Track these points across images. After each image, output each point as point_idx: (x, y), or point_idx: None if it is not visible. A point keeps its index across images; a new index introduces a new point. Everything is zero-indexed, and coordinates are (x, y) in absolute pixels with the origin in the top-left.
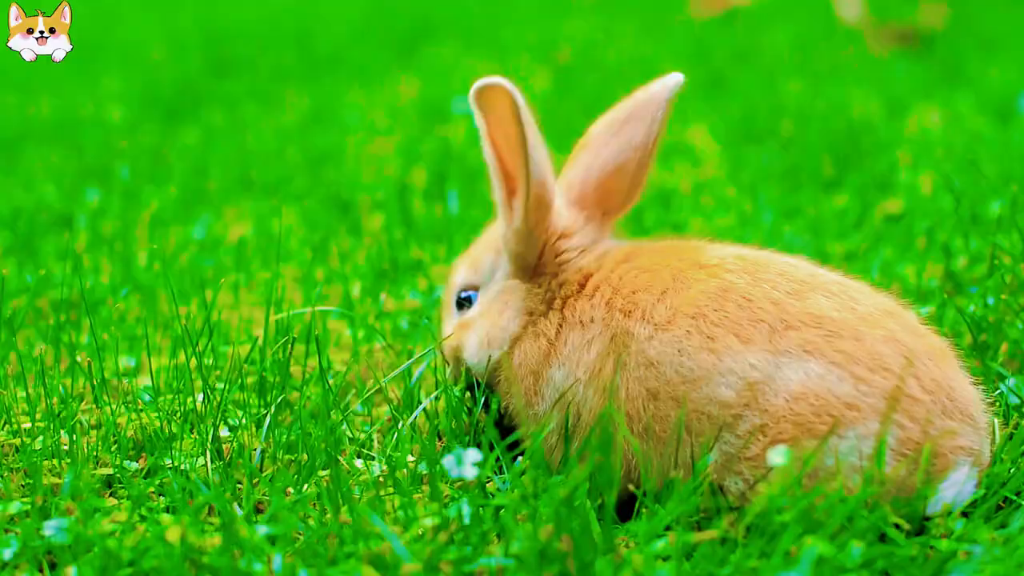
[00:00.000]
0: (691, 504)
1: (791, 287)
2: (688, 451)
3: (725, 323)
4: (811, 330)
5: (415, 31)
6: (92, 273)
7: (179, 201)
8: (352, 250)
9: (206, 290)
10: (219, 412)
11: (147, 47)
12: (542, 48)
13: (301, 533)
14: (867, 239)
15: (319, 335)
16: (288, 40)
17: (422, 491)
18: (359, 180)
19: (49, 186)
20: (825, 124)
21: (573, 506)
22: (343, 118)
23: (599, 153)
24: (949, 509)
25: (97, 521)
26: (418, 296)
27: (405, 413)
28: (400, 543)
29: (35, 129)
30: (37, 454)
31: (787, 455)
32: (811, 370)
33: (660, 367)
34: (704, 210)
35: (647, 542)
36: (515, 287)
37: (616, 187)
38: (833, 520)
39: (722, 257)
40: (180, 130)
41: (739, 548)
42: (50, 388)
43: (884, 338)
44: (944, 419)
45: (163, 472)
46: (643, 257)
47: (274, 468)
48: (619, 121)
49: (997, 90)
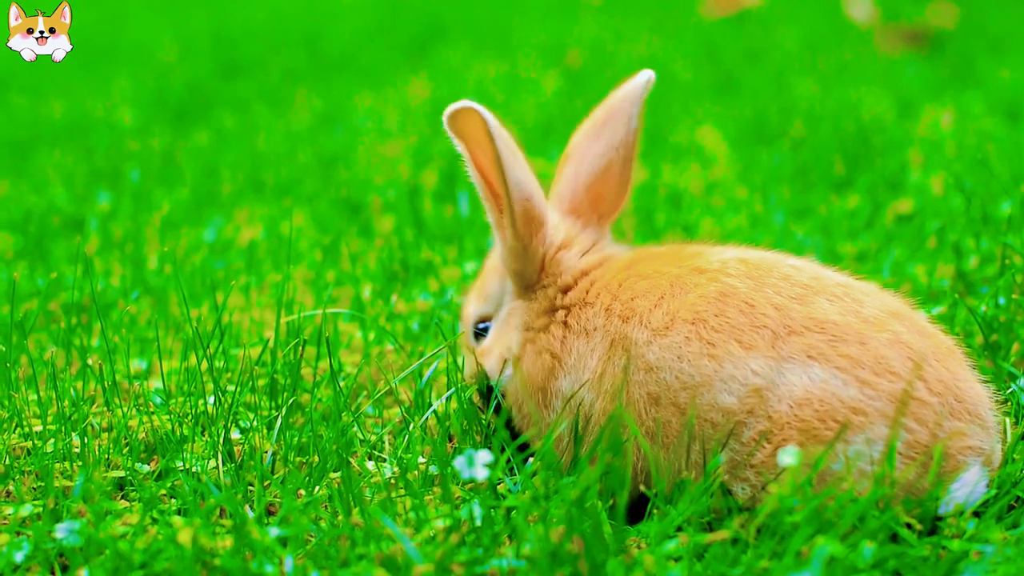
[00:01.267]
0: (702, 505)
1: (794, 292)
2: (695, 456)
3: (726, 329)
4: (815, 335)
5: (425, 33)
6: (103, 276)
7: (190, 203)
8: (363, 252)
9: (217, 292)
10: (230, 414)
11: (158, 49)
12: (552, 49)
13: (313, 535)
14: (878, 239)
15: (329, 337)
16: (298, 42)
17: (434, 493)
18: (370, 182)
19: (60, 189)
20: (836, 124)
21: (584, 507)
22: (353, 120)
23: (583, 160)
24: (961, 509)
25: (109, 523)
26: (429, 298)
27: (416, 415)
28: (412, 545)
29: (46, 132)
30: (49, 457)
31: (797, 455)
32: (815, 375)
33: (660, 372)
34: (715, 211)
35: (658, 543)
36: (518, 308)
37: (605, 190)
38: (844, 520)
39: (724, 261)
40: (191, 132)
41: (750, 549)
42: (61, 391)
43: (889, 341)
44: (952, 420)
45: (175, 474)
46: (643, 263)
47: (285, 470)
48: (598, 125)
49: (1007, 90)
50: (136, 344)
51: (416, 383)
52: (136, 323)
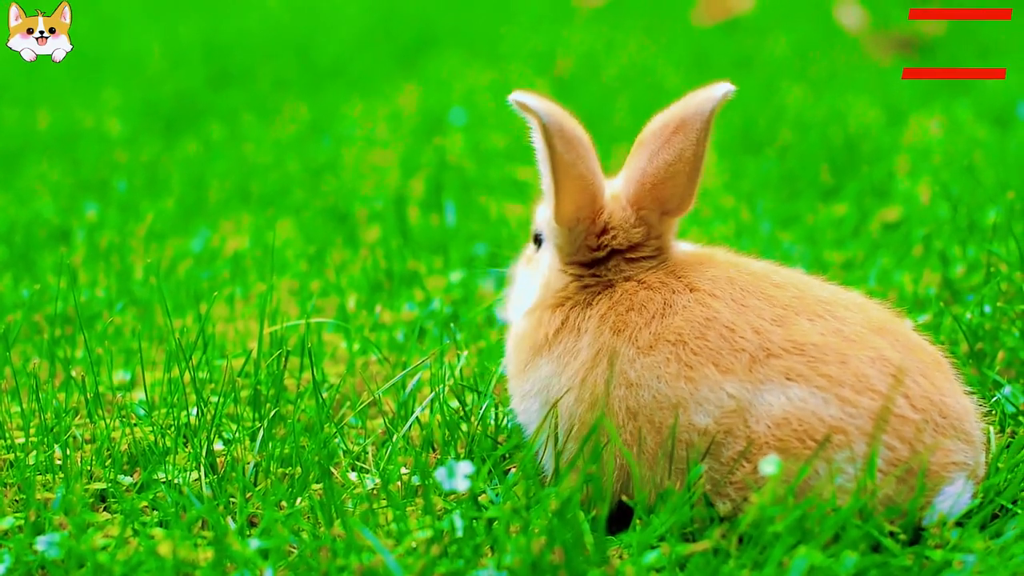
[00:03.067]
0: (683, 515)
1: (775, 313)
2: (675, 469)
3: (705, 352)
4: (794, 357)
5: (417, 41)
6: (89, 287)
7: (177, 214)
8: (349, 262)
9: (201, 303)
10: (213, 426)
11: (148, 58)
12: (543, 57)
13: (294, 547)
14: (865, 247)
15: (312, 348)
16: (289, 51)
17: (416, 504)
18: (357, 191)
19: (47, 200)
20: (824, 132)
21: (565, 518)
22: (342, 129)
23: (652, 159)
24: (944, 519)
25: (90, 536)
26: (415, 307)
27: (399, 425)
28: (392, 557)
29: (34, 142)
30: (31, 469)
31: (778, 464)
32: (793, 395)
33: (639, 389)
34: (701, 220)
35: (640, 553)
36: (552, 268)
37: (670, 194)
38: (825, 531)
39: (713, 280)
40: (179, 142)
41: (732, 559)
42: (44, 403)
43: (871, 359)
44: (936, 436)
45: (156, 486)
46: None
47: (267, 482)
48: (669, 131)
49: (996, 97)
50: (121, 355)
51: (399, 394)
52: (121, 334)
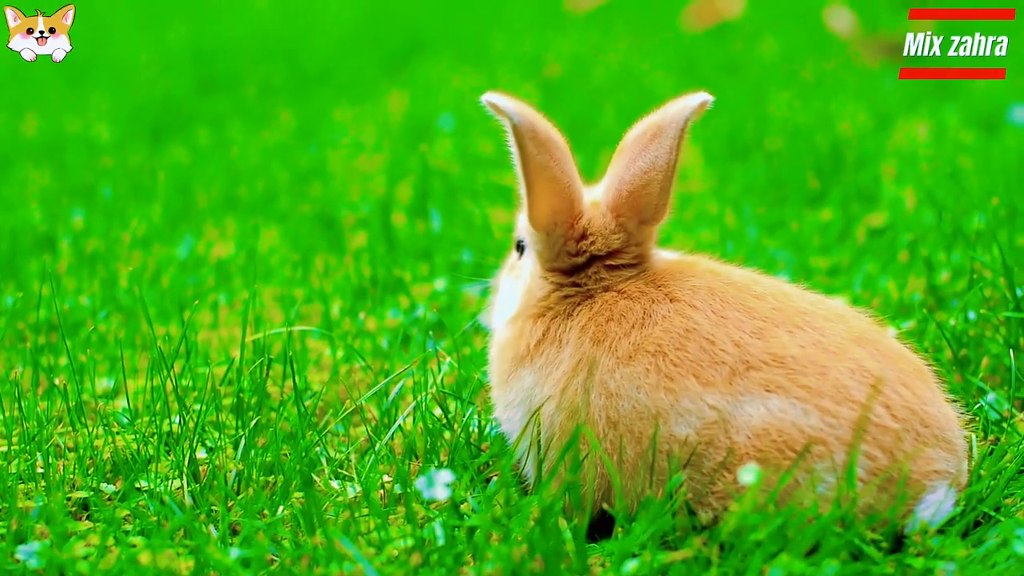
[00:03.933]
0: (664, 523)
1: (755, 326)
2: (656, 484)
3: (685, 363)
4: (773, 369)
5: (405, 46)
6: (74, 294)
7: (164, 220)
8: (334, 268)
9: (185, 311)
10: (195, 434)
11: (135, 64)
12: (531, 62)
13: (275, 556)
14: (850, 253)
15: (294, 355)
16: (276, 56)
17: (398, 512)
18: (344, 197)
19: (33, 206)
20: (811, 138)
21: (546, 527)
22: (330, 135)
23: (629, 166)
24: (925, 527)
25: (71, 545)
26: (399, 315)
27: (382, 433)
28: (371, 566)
29: (21, 148)
30: (12, 477)
31: (757, 473)
32: (772, 406)
33: (619, 399)
34: (686, 225)
35: (620, 562)
36: (533, 276)
37: (645, 202)
38: (805, 539)
39: (693, 290)
40: (166, 148)
41: (713, 567)
42: (27, 411)
43: (850, 370)
44: (917, 445)
45: (138, 495)
46: (630, 283)
47: (249, 490)
48: (647, 137)
49: (984, 102)
50: (105, 363)
51: (383, 401)
52: (105, 342)
